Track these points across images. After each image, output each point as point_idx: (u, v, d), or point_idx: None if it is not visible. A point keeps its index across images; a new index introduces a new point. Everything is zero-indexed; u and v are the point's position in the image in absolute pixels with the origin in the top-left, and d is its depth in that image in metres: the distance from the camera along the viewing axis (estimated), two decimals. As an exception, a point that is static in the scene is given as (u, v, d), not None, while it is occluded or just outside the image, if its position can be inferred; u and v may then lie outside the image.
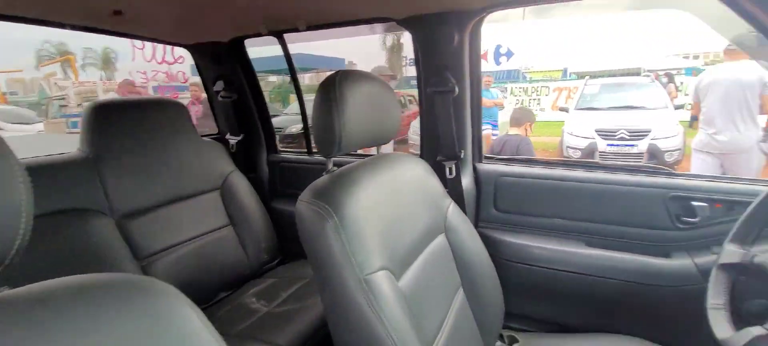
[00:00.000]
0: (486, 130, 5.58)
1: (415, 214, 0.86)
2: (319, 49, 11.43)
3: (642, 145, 4.91)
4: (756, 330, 0.65)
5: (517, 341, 1.04)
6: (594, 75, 9.25)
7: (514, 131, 2.96)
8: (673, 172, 1.18)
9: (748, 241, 0.78)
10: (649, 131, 4.93)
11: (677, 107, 5.92)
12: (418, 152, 1.38)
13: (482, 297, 0.97)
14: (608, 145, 5.09)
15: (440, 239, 0.93)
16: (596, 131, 5.10)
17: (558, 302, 1.24)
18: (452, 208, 0.99)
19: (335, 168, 0.81)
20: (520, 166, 1.35)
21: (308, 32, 1.42)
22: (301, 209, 0.71)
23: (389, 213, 0.78)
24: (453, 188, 1.23)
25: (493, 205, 1.33)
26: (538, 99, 10.06)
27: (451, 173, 1.23)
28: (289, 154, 1.86)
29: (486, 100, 5.43)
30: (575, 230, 1.24)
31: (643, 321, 1.12)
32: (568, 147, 5.31)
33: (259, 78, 1.79)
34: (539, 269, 1.24)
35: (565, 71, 14.53)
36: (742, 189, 1.06)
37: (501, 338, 1.05)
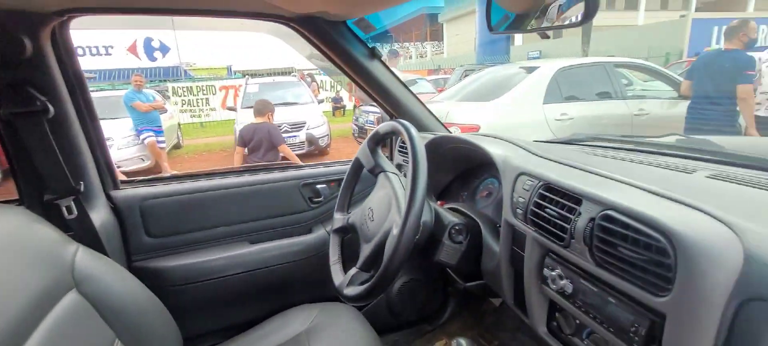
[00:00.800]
0: (149, 137, 4.90)
1: (10, 284, 0.63)
2: None
3: (302, 135, 5.90)
4: (353, 270, 0.92)
5: None
6: (253, 74, 10.00)
7: (259, 120, 3.52)
8: (302, 164, 1.47)
9: (345, 208, 1.09)
10: (305, 123, 5.98)
11: (320, 102, 7.49)
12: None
13: (148, 339, 0.85)
14: (276, 137, 5.76)
15: (70, 298, 0.73)
16: (265, 127, 5.62)
17: (238, 304, 1.28)
18: (82, 253, 0.79)
19: None
20: (165, 184, 1.25)
21: None
22: None
23: None
24: (80, 229, 0.99)
25: (145, 233, 1.18)
26: (207, 98, 9.75)
27: (70, 213, 0.98)
28: None
29: (141, 104, 4.73)
30: (238, 233, 1.31)
31: (308, 289, 1.35)
32: (242, 145, 5.57)
33: None
34: (212, 281, 1.22)
35: (229, 69, 14.79)
36: (342, 169, 1.45)
37: None
